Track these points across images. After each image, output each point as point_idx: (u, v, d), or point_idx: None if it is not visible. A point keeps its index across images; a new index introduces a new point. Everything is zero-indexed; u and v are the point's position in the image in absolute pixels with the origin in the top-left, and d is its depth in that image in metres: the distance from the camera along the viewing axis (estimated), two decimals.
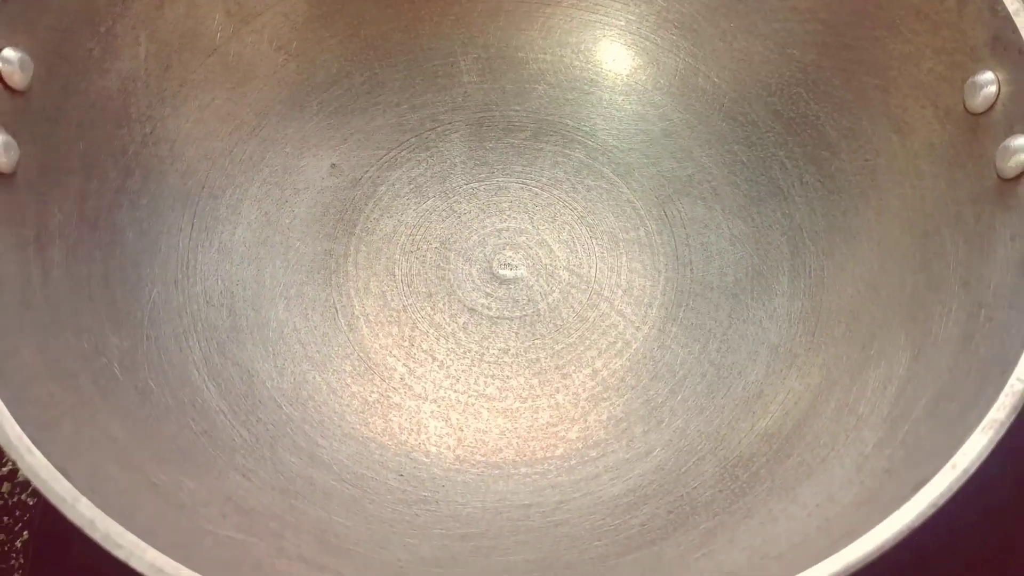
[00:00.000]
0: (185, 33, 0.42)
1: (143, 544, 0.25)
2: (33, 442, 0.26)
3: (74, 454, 0.28)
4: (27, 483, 0.44)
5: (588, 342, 0.43)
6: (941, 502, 0.27)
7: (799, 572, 0.26)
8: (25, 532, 0.43)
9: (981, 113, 0.35)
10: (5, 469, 0.44)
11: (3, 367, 0.28)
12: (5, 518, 0.43)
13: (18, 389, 0.28)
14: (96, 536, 0.25)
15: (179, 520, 0.30)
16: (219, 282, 0.42)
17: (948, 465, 0.27)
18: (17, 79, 0.33)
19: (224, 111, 0.44)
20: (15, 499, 0.44)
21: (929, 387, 0.32)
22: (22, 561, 0.42)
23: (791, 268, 0.42)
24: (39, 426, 0.27)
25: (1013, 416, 0.28)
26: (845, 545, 0.26)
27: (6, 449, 0.26)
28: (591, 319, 0.43)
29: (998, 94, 0.34)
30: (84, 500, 0.25)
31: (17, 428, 0.26)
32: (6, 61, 0.33)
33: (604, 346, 0.43)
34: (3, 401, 0.27)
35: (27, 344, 0.31)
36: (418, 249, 0.45)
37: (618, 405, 0.41)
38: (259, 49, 0.45)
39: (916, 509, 0.26)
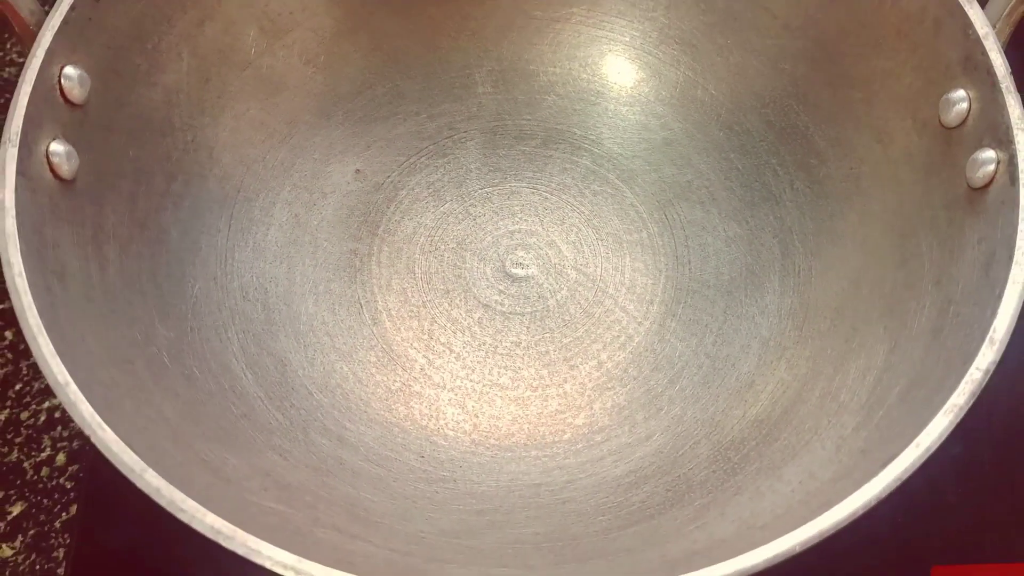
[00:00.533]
0: (223, 49, 0.44)
1: (203, 509, 0.28)
2: (103, 419, 0.29)
3: (135, 432, 0.31)
4: (65, 468, 0.46)
5: (594, 336, 0.45)
6: (905, 476, 0.29)
7: (778, 537, 0.28)
8: (64, 514, 0.45)
9: (954, 127, 0.37)
10: (44, 454, 0.46)
11: (73, 353, 0.31)
12: (45, 500, 0.45)
13: (87, 373, 0.31)
14: (162, 502, 0.28)
15: (227, 491, 0.32)
16: (254, 279, 0.44)
17: (912, 444, 0.29)
18: (76, 94, 0.36)
19: (258, 120, 0.46)
20: (54, 483, 0.45)
21: (903, 376, 0.35)
22: (63, 540, 0.44)
23: (782, 267, 0.44)
24: (105, 406, 0.30)
25: (971, 401, 0.30)
26: (821, 514, 0.29)
27: (81, 426, 0.29)
28: (597, 315, 0.46)
29: (969, 110, 0.36)
30: (151, 471, 0.28)
31: (90, 407, 0.29)
32: (67, 78, 0.36)
33: (608, 340, 0.45)
34: (76, 383, 0.29)
35: (90, 333, 0.33)
36: (436, 249, 0.47)
37: (621, 394, 0.44)
38: (289, 63, 0.47)
39: (883, 483, 0.29)
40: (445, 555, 0.35)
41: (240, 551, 0.27)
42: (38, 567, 0.43)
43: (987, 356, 0.30)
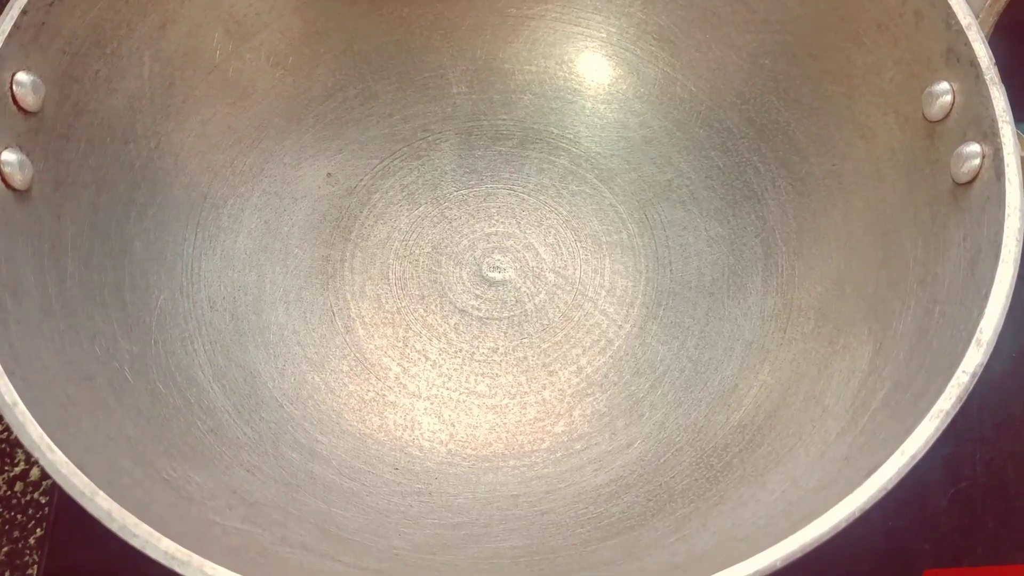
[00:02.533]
0: (187, 52, 0.43)
1: (157, 534, 0.27)
2: (53, 440, 0.28)
3: (91, 451, 0.30)
4: (39, 482, 0.45)
5: (573, 340, 0.44)
6: (890, 486, 0.28)
7: (760, 551, 0.27)
8: (38, 529, 0.44)
9: (937, 121, 0.36)
10: (18, 469, 0.45)
11: (25, 371, 0.30)
12: (19, 516, 0.44)
13: (40, 391, 0.30)
14: (113, 527, 0.27)
15: (189, 512, 0.31)
16: (222, 288, 0.43)
17: (898, 452, 0.29)
18: (30, 101, 0.35)
19: (225, 125, 0.45)
20: (28, 498, 0.45)
21: (888, 379, 0.34)
22: (36, 558, 0.43)
23: (764, 268, 0.44)
24: (59, 425, 0.29)
25: (959, 405, 0.29)
26: (804, 526, 0.28)
27: (29, 448, 0.28)
28: (576, 318, 0.45)
29: (953, 103, 0.35)
30: (102, 494, 0.27)
31: (39, 428, 0.28)
32: (19, 84, 0.35)
33: (588, 344, 0.44)
34: (26, 403, 0.28)
35: (47, 349, 0.32)
36: (411, 254, 0.47)
37: (601, 400, 0.43)
38: (257, 65, 0.46)
39: (867, 493, 0.28)
40: (419, 572, 0.34)
41: None
42: None
43: (974, 358, 0.30)
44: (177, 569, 0.26)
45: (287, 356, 0.43)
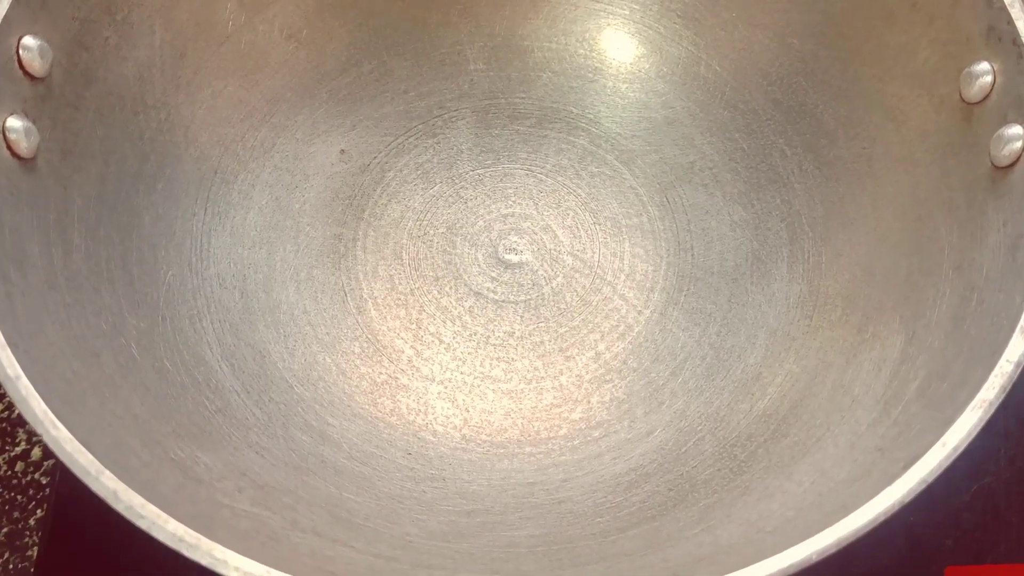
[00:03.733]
0: (199, 22, 0.42)
1: (164, 515, 0.26)
2: (58, 417, 0.27)
3: (97, 429, 0.29)
4: (40, 463, 0.44)
5: (591, 325, 0.43)
6: (931, 479, 0.27)
7: (793, 545, 0.26)
8: (39, 510, 0.43)
9: (976, 102, 0.35)
10: (18, 449, 0.45)
11: (29, 345, 0.29)
12: (19, 496, 0.43)
13: (44, 366, 0.29)
14: (119, 507, 0.26)
15: (197, 493, 0.30)
16: (232, 265, 0.42)
17: (939, 443, 0.28)
18: (37, 66, 0.34)
19: (236, 98, 0.44)
20: (28, 478, 0.44)
21: (922, 368, 0.33)
22: (36, 539, 0.42)
23: (790, 254, 0.43)
24: (64, 401, 0.28)
25: (1002, 396, 0.28)
26: (837, 519, 0.27)
27: (32, 423, 0.27)
28: (594, 303, 0.44)
29: (993, 84, 0.34)
30: (107, 472, 0.26)
31: (43, 404, 0.27)
32: (26, 49, 0.33)
33: (607, 329, 0.43)
34: (29, 378, 0.27)
35: (51, 323, 0.31)
36: (425, 234, 0.46)
37: (620, 387, 0.42)
38: (270, 37, 0.45)
39: (907, 485, 0.27)
40: (433, 560, 0.33)
41: (204, 561, 0.25)
42: (11, 566, 0.42)
43: (1019, 346, 0.29)
44: (185, 552, 0.25)
45: (297, 336, 0.42)
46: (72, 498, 0.42)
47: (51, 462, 0.44)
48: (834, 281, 0.40)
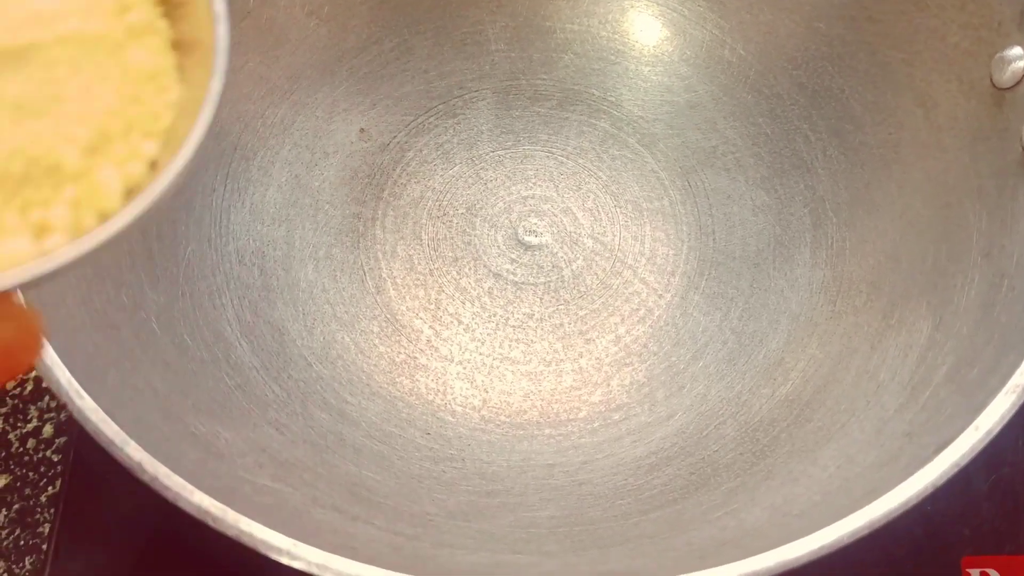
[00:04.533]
0: None
1: (190, 486, 0.26)
2: (82, 387, 0.27)
3: (119, 402, 0.29)
4: (52, 440, 0.44)
5: (611, 308, 0.43)
6: (963, 463, 0.27)
7: (822, 528, 0.26)
8: (50, 487, 0.43)
9: (1008, 88, 0.35)
10: (30, 426, 0.44)
11: (51, 316, 0.29)
12: (31, 474, 0.43)
13: (66, 337, 0.29)
14: (144, 478, 0.26)
15: (219, 468, 0.30)
16: (251, 242, 0.42)
17: (971, 427, 0.27)
18: None
19: (257, 74, 0.44)
20: (40, 455, 0.44)
21: (950, 354, 0.33)
22: (48, 516, 0.42)
23: (813, 239, 0.42)
24: (87, 374, 0.28)
25: None
26: (867, 503, 0.27)
27: (57, 392, 0.27)
28: (614, 286, 0.44)
29: None
30: (133, 443, 0.26)
31: (67, 372, 0.27)
32: None
33: (627, 312, 0.43)
34: (53, 348, 0.27)
35: (72, 295, 0.31)
36: (445, 214, 0.45)
37: (640, 370, 0.42)
38: (291, 14, 0.44)
39: (939, 469, 0.27)
40: (455, 540, 0.33)
41: (230, 532, 0.25)
42: (22, 542, 0.42)
43: None
44: (211, 523, 0.25)
45: (316, 314, 0.42)
46: (84, 476, 0.42)
47: (63, 439, 0.44)
48: (859, 267, 0.40)
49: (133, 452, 0.26)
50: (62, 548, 0.40)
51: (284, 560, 0.25)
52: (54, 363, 0.27)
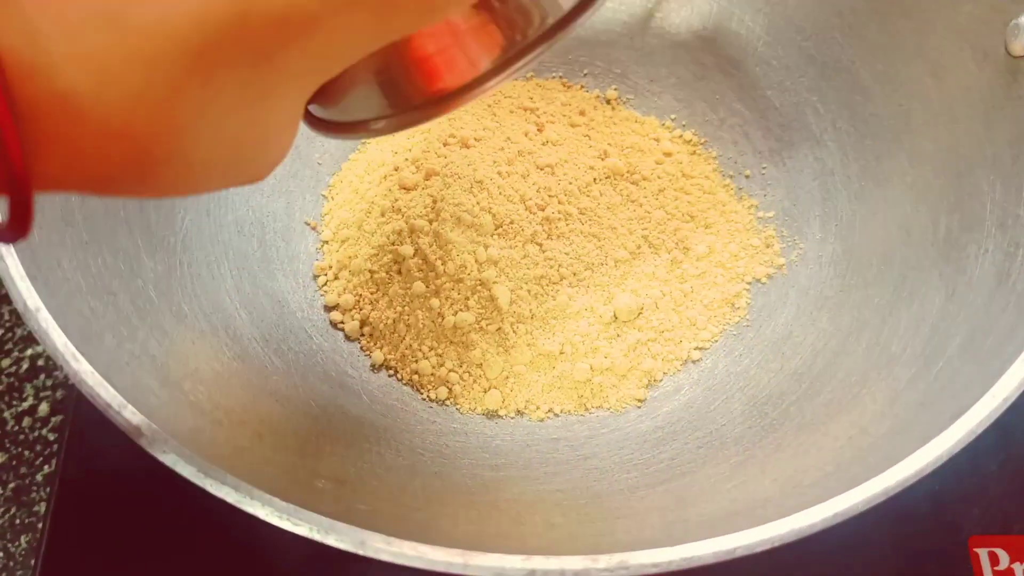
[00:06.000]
0: None
1: (188, 451, 0.25)
2: (79, 351, 0.26)
3: (116, 366, 0.28)
4: (47, 419, 0.44)
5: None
6: (980, 430, 0.27)
7: (836, 496, 0.25)
8: (46, 466, 0.42)
9: (1023, 56, 0.34)
10: (26, 404, 0.44)
11: (48, 278, 0.28)
12: (26, 452, 0.43)
13: (62, 300, 0.28)
14: (142, 442, 0.25)
15: (217, 435, 0.30)
16: (250, 212, 0.41)
17: (988, 395, 0.27)
18: None
19: None
20: (36, 434, 0.43)
21: (963, 325, 0.32)
22: (43, 495, 0.42)
23: (823, 212, 0.42)
24: (83, 338, 0.27)
25: None
26: (882, 471, 0.26)
27: (53, 355, 0.26)
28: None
29: None
30: (130, 407, 0.25)
31: (63, 336, 0.26)
32: None
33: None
34: (49, 310, 0.27)
35: (68, 259, 0.30)
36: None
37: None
38: None
39: (956, 436, 0.26)
40: (458, 512, 0.32)
41: (230, 498, 0.24)
42: (18, 521, 0.41)
43: None
44: (210, 489, 0.24)
45: (316, 287, 0.41)
46: (79, 454, 0.41)
47: (59, 418, 0.44)
48: (869, 239, 0.39)
49: (130, 416, 0.25)
50: (58, 527, 0.40)
51: (286, 525, 0.24)
52: (50, 326, 0.26)
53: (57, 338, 0.26)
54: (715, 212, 0.42)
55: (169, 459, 0.25)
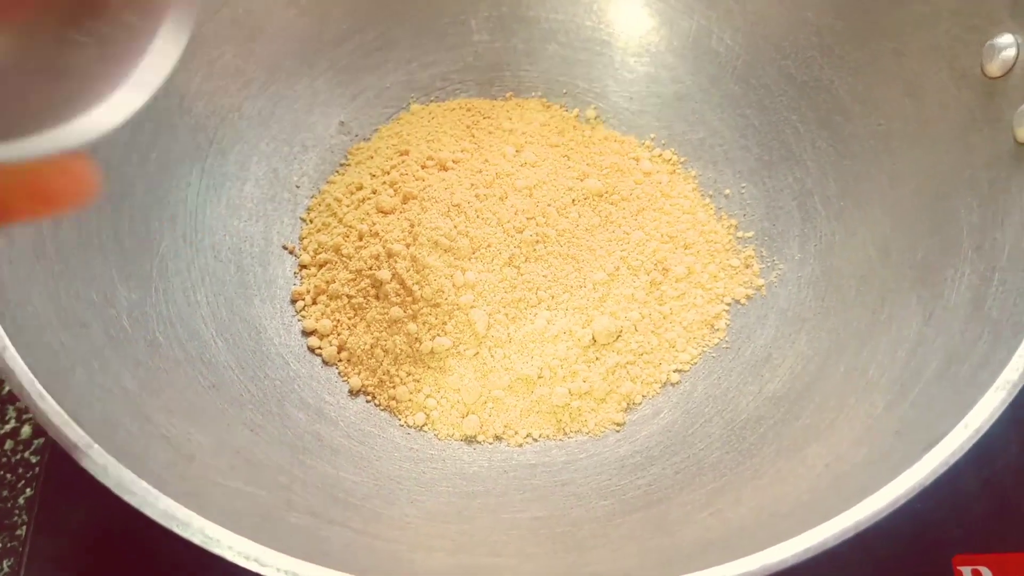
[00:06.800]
0: None
1: (155, 491, 0.25)
2: (46, 389, 0.26)
3: (86, 402, 0.28)
4: (30, 441, 0.43)
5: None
6: (952, 461, 0.26)
7: (810, 528, 0.25)
8: (28, 489, 0.42)
9: (999, 77, 0.34)
10: (8, 427, 0.44)
11: (16, 315, 0.28)
12: (8, 475, 0.42)
13: (31, 336, 0.28)
14: (108, 483, 0.25)
15: (189, 470, 0.29)
16: (227, 238, 0.41)
17: (961, 424, 0.27)
18: None
19: (233, 67, 0.43)
20: (18, 457, 0.43)
21: (940, 350, 0.32)
22: (25, 518, 0.41)
23: (801, 232, 0.41)
24: (51, 374, 0.27)
25: None
26: (855, 503, 0.26)
27: (19, 394, 0.26)
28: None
29: (1017, 57, 0.33)
30: (97, 447, 0.25)
31: (29, 374, 0.26)
32: None
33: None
34: (16, 348, 0.26)
35: (39, 293, 0.30)
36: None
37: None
38: (269, 4, 0.44)
39: (928, 467, 0.26)
40: (433, 541, 0.32)
41: (196, 539, 0.24)
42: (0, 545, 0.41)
43: None
44: (176, 530, 0.24)
45: (293, 312, 0.41)
46: (62, 477, 0.41)
47: (41, 440, 0.43)
48: (848, 261, 0.39)
49: (96, 456, 0.25)
50: (37, 552, 0.39)
51: (253, 567, 0.24)
52: (16, 364, 0.26)
53: (23, 377, 0.26)
54: (694, 232, 0.42)
55: (136, 500, 0.25)
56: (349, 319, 0.40)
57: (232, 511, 0.28)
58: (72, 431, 0.25)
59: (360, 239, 0.40)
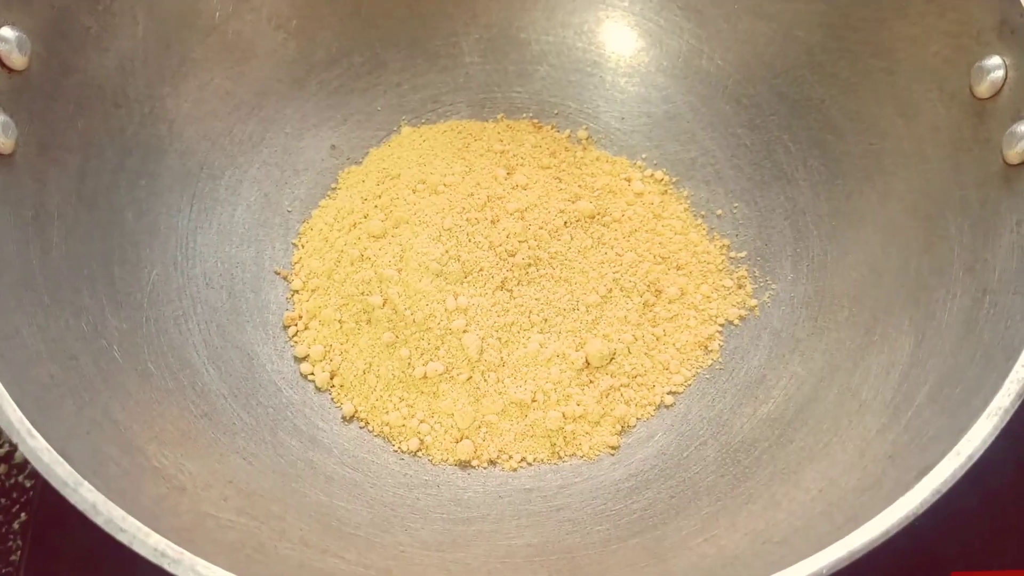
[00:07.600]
0: (184, 12, 0.41)
1: (146, 529, 0.25)
2: (34, 424, 0.26)
3: (75, 436, 0.28)
4: (24, 465, 0.43)
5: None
6: (944, 489, 0.26)
7: (803, 558, 0.25)
8: (23, 514, 0.42)
9: (987, 98, 0.34)
10: (2, 451, 0.44)
11: (3, 348, 0.28)
12: (2, 500, 0.42)
13: (18, 370, 0.28)
14: (99, 520, 0.25)
15: (181, 503, 0.29)
16: (219, 264, 0.41)
17: (952, 452, 0.27)
18: (15, 59, 0.33)
19: (223, 90, 0.43)
20: (12, 481, 0.43)
21: (932, 373, 0.32)
22: (20, 544, 0.41)
23: (794, 252, 0.41)
24: (40, 408, 0.27)
25: (1018, 403, 0.27)
26: (849, 531, 0.26)
27: (7, 431, 0.26)
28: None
29: (1005, 79, 0.34)
30: (86, 484, 0.25)
31: (18, 411, 0.26)
32: (4, 40, 0.32)
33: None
34: (3, 383, 0.26)
35: (27, 324, 0.30)
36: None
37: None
38: (258, 27, 0.44)
39: (920, 496, 0.26)
40: (427, 571, 0.32)
41: None
42: None
43: None
44: (167, 567, 0.24)
45: (286, 338, 0.41)
46: (56, 501, 0.41)
47: None
48: (840, 281, 0.39)
49: (87, 494, 0.25)
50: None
51: None
52: (4, 400, 0.26)
53: (12, 413, 0.26)
54: (687, 253, 0.42)
55: (126, 537, 0.25)
56: (341, 344, 0.39)
57: (225, 543, 0.28)
58: (62, 469, 0.25)
59: (351, 264, 0.40)
